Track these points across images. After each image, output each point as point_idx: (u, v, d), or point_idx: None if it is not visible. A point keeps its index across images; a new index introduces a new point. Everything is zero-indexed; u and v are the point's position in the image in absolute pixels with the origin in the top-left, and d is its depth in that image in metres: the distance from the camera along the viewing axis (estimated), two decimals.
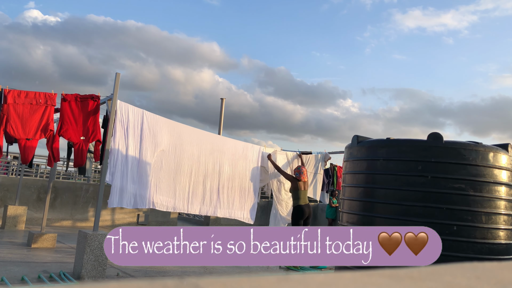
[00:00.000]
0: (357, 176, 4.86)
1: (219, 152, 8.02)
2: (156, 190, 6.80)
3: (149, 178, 6.71)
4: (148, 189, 6.66)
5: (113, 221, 12.49)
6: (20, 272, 5.58)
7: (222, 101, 15.07)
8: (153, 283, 0.68)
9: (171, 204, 7.08)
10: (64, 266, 6.17)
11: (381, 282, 0.77)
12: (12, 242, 8.12)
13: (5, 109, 6.24)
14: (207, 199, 7.72)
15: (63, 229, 10.73)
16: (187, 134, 7.51)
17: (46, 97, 6.48)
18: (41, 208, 11.06)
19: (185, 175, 7.34)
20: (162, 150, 6.97)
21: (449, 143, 4.28)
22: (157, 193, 6.80)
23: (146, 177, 6.65)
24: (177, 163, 7.21)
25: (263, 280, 0.73)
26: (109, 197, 6.21)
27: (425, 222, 4.19)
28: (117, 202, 6.23)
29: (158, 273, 6.40)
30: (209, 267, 7.27)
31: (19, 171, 13.18)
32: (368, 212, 4.60)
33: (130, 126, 6.45)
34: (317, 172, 10.93)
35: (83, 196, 12.20)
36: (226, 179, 8.11)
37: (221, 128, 14.80)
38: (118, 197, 6.23)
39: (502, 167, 4.38)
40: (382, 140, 4.73)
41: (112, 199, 6.19)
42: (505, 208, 4.37)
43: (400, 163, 4.43)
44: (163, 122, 7.08)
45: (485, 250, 4.21)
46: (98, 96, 6.55)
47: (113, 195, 6.20)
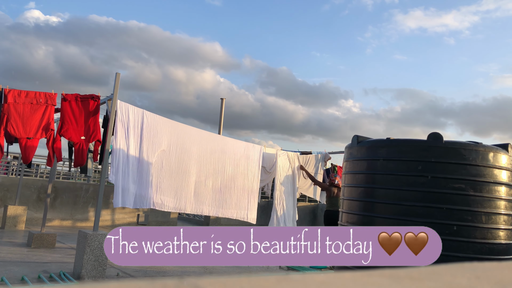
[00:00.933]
0: (357, 176, 4.85)
1: (220, 152, 8.02)
2: (157, 190, 6.80)
3: (150, 178, 6.71)
4: (149, 189, 6.67)
5: (113, 221, 12.49)
6: (20, 272, 5.58)
7: (222, 101, 15.07)
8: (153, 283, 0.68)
9: (172, 204, 7.08)
10: (64, 266, 6.17)
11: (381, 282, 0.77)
12: (12, 242, 8.12)
13: (6, 109, 6.24)
14: (209, 199, 7.72)
15: (63, 229, 10.73)
16: (188, 134, 7.51)
17: (46, 97, 6.48)
18: (41, 208, 11.06)
19: (186, 175, 7.34)
20: (163, 150, 6.97)
21: (449, 143, 4.28)
22: (157, 193, 6.80)
23: (147, 177, 6.65)
24: (178, 163, 7.21)
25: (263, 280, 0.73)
26: (114, 197, 6.21)
27: (425, 222, 4.19)
28: (120, 202, 6.24)
29: (158, 273, 6.40)
30: (209, 267, 7.27)
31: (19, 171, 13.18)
32: (368, 212, 4.59)
33: (130, 126, 6.46)
34: (317, 172, 10.94)
35: (83, 196, 12.20)
36: (227, 179, 8.11)
37: (221, 128, 14.81)
38: (121, 197, 6.24)
39: (502, 167, 4.38)
40: (382, 140, 4.73)
41: (117, 199, 6.20)
42: (505, 208, 4.37)
43: (400, 163, 4.43)
44: (163, 122, 7.08)
45: (485, 250, 4.20)
46: (98, 96, 6.56)
47: (117, 195, 6.21)
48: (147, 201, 6.61)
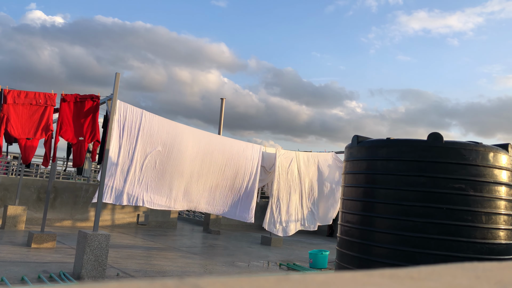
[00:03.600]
0: (357, 176, 4.85)
1: (218, 152, 8.03)
2: (148, 189, 6.85)
3: (141, 176, 6.76)
4: (140, 187, 6.71)
5: (113, 221, 12.49)
6: (20, 272, 5.58)
7: (222, 101, 15.07)
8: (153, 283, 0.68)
9: (163, 203, 7.12)
10: (64, 266, 6.16)
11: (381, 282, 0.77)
12: (12, 242, 8.12)
13: (5, 109, 6.24)
14: (204, 198, 7.73)
15: (63, 229, 10.73)
16: (186, 134, 7.51)
17: (45, 97, 6.48)
18: (41, 208, 11.06)
19: (180, 175, 7.35)
20: (158, 151, 6.99)
21: (449, 143, 4.28)
22: (148, 191, 6.85)
23: (138, 176, 6.69)
24: (174, 163, 7.22)
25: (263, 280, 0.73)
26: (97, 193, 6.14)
27: (425, 222, 4.20)
28: (108, 198, 6.31)
29: (158, 273, 6.40)
30: (209, 267, 7.27)
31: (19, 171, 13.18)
32: (368, 212, 4.59)
33: (126, 126, 6.49)
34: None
35: (83, 196, 12.21)
36: (225, 178, 8.11)
37: (221, 128, 14.81)
38: (109, 194, 6.31)
39: (502, 167, 4.38)
40: (382, 140, 4.73)
41: (104, 196, 6.26)
42: (505, 208, 4.37)
43: (400, 163, 4.43)
44: (162, 122, 7.08)
45: (485, 250, 4.21)
46: (97, 96, 6.56)
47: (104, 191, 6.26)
48: (137, 199, 6.66)
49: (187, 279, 0.71)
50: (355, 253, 4.64)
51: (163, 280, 0.71)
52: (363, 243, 4.57)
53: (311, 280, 0.75)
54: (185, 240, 11.05)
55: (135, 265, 6.84)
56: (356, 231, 4.68)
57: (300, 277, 0.77)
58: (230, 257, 8.53)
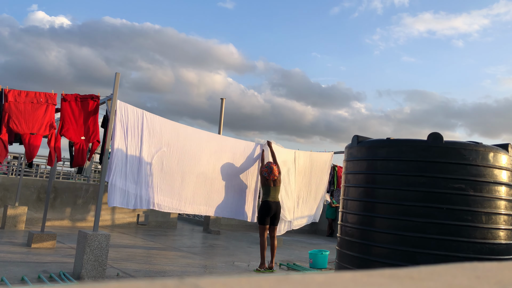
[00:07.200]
0: (357, 176, 4.85)
1: (220, 152, 8.02)
2: (157, 191, 6.79)
3: (150, 178, 6.71)
4: (149, 189, 6.66)
5: (113, 221, 12.49)
6: (20, 272, 5.58)
7: (222, 101, 15.07)
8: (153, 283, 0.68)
9: (172, 205, 7.07)
10: (64, 266, 6.17)
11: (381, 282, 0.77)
12: (12, 242, 8.12)
13: (7, 107, 6.25)
14: (208, 199, 7.72)
15: (63, 229, 10.73)
16: (188, 134, 7.51)
17: (46, 97, 6.48)
18: (41, 208, 11.07)
19: (186, 176, 7.34)
20: (163, 151, 6.97)
21: (449, 143, 4.28)
22: (158, 193, 6.80)
23: (146, 178, 6.65)
24: (178, 164, 7.21)
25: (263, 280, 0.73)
26: (108, 196, 6.19)
27: (425, 222, 4.20)
28: (117, 201, 6.22)
29: (158, 273, 6.40)
30: (209, 267, 7.27)
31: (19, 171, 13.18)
32: (368, 212, 4.59)
33: (130, 126, 6.46)
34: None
35: (83, 196, 12.21)
36: (227, 178, 8.10)
37: (221, 128, 14.80)
38: (118, 197, 6.23)
39: (502, 167, 4.38)
40: (382, 140, 4.73)
41: (112, 199, 6.18)
42: (505, 208, 4.37)
43: (400, 163, 4.43)
44: (163, 122, 7.07)
45: (485, 250, 4.20)
46: (98, 96, 6.56)
47: (112, 194, 6.19)
48: (147, 202, 6.60)
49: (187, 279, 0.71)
50: (355, 253, 4.64)
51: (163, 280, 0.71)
52: (363, 243, 4.57)
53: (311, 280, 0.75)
54: (185, 240, 11.05)
55: (135, 265, 6.84)
56: (356, 231, 4.68)
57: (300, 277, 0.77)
58: (230, 257, 8.53)
